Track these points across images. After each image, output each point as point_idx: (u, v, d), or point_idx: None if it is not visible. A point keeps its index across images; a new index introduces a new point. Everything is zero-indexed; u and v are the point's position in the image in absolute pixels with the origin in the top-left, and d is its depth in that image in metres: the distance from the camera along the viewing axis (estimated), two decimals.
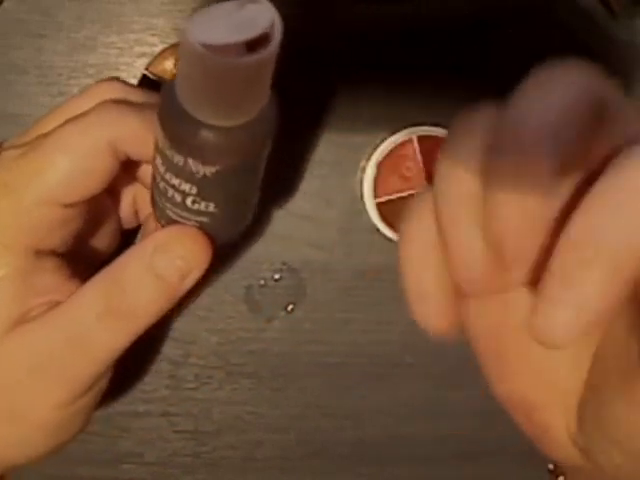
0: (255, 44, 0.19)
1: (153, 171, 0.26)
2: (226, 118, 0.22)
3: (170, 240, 0.27)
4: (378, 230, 0.37)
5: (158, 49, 0.37)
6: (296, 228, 0.38)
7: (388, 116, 0.37)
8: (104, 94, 0.29)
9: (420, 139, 0.37)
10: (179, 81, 0.22)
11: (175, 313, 0.37)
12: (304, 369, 0.38)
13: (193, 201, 0.25)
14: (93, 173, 0.27)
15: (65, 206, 0.27)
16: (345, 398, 0.39)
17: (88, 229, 0.31)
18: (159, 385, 0.38)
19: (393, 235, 0.37)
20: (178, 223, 0.27)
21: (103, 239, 0.33)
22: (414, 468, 0.39)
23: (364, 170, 0.37)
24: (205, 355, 0.38)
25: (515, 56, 0.37)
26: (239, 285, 0.38)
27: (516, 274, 0.18)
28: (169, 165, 0.24)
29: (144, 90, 0.30)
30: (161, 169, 0.25)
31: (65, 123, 0.27)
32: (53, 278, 0.28)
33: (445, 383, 0.39)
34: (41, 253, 0.28)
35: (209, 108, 0.21)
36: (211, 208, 0.25)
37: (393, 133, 0.37)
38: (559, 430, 0.22)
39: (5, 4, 0.37)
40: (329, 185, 0.38)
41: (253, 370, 0.38)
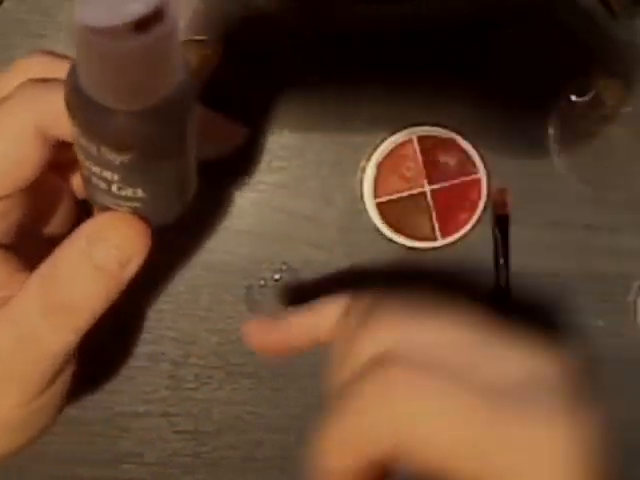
0: (148, 22, 0.17)
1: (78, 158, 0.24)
2: (132, 102, 0.20)
3: (104, 227, 0.25)
4: (378, 230, 0.37)
5: None
6: (296, 228, 0.38)
7: (388, 116, 0.37)
8: (30, 70, 0.26)
9: (420, 139, 0.37)
10: (78, 66, 0.20)
11: None
12: (304, 369, 0.38)
13: (119, 187, 0.23)
14: (22, 163, 0.25)
15: None
16: None
17: (36, 213, 0.29)
18: (159, 385, 0.38)
19: (393, 235, 0.37)
20: (111, 209, 0.25)
21: (57, 218, 0.30)
22: None
23: (364, 170, 0.37)
24: (205, 355, 0.38)
25: (515, 56, 0.37)
26: (239, 285, 0.38)
27: None
28: (86, 154, 0.22)
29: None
30: (81, 157, 0.23)
31: None
32: None
33: None
34: None
35: (111, 93, 0.19)
36: (139, 194, 0.23)
37: (393, 133, 0.37)
38: None
39: (5, 4, 0.37)
40: (329, 185, 0.38)
41: (253, 370, 0.38)
